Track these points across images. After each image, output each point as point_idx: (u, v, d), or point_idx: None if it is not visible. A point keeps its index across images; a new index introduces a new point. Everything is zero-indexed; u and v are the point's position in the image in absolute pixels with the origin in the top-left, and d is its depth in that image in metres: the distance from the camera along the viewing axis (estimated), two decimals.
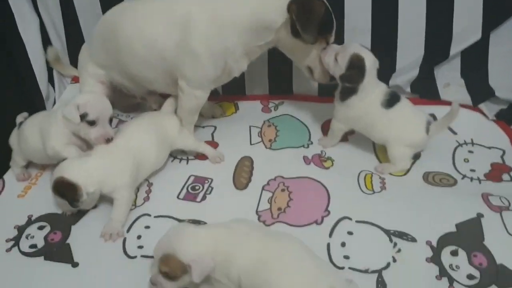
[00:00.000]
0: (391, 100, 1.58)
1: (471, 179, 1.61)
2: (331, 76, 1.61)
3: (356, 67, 1.53)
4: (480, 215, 1.42)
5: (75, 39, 2.05)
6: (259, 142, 1.80)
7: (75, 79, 2.12)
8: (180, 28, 1.52)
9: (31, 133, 1.58)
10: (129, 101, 1.97)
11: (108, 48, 1.70)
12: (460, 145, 1.75)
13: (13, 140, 1.67)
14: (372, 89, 1.57)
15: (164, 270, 1.14)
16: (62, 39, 2.10)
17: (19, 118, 1.69)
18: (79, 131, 1.49)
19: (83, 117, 1.44)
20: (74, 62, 2.08)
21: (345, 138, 1.78)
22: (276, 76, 2.03)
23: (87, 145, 1.56)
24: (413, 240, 1.36)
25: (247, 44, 1.54)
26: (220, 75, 1.60)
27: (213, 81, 1.63)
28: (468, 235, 1.36)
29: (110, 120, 1.51)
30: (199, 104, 1.69)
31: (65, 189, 1.40)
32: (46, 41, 2.05)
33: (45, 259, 1.39)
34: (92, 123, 1.45)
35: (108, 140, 1.48)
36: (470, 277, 1.26)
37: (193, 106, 1.69)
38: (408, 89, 1.91)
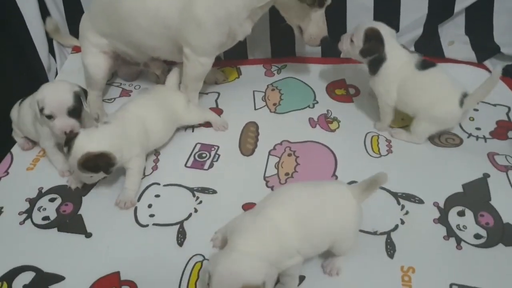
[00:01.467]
0: (426, 64, 1.55)
1: (477, 137, 1.61)
2: (321, 40, 1.62)
3: (372, 37, 1.53)
4: (486, 175, 1.43)
5: (73, 9, 2.02)
6: (264, 106, 1.80)
7: (76, 49, 2.11)
8: None
9: (26, 114, 1.58)
10: (132, 68, 1.96)
11: (110, 18, 1.67)
12: None
13: (13, 113, 1.67)
14: (400, 53, 1.55)
15: None
16: (60, 9, 2.07)
17: None
18: (47, 124, 1.48)
19: (41, 110, 1.43)
20: (73, 32, 2.06)
21: (349, 98, 1.78)
22: (278, 38, 2.01)
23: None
24: (421, 202, 1.39)
25: (249, 6, 1.52)
26: (225, 40, 1.59)
27: (218, 47, 1.61)
28: (474, 196, 1.38)
29: (71, 111, 1.45)
30: (205, 71, 1.68)
31: (97, 161, 1.38)
32: (44, 12, 2.01)
33: (58, 230, 1.41)
34: (49, 117, 1.44)
35: (66, 133, 1.45)
36: (477, 236, 1.28)
37: (198, 73, 1.68)
38: (412, 48, 1.90)
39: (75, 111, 1.46)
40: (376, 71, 1.56)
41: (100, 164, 1.39)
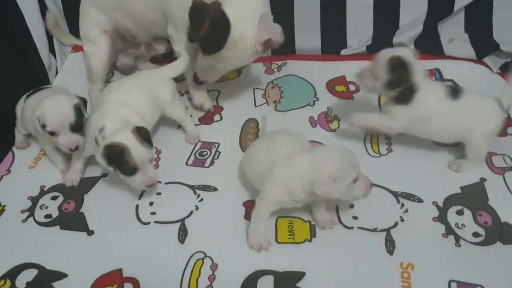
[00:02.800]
0: (454, 91, 1.42)
1: None
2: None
3: (397, 66, 1.36)
4: (483, 180, 1.45)
5: (72, 7, 2.01)
6: (264, 103, 1.80)
7: (76, 48, 2.11)
8: None
9: (29, 113, 1.54)
10: (131, 59, 1.96)
11: None
12: None
13: (18, 109, 1.66)
14: (431, 82, 1.44)
15: None
16: (59, 7, 2.07)
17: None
18: (50, 139, 1.45)
19: (44, 127, 1.40)
20: (72, 30, 2.06)
21: (350, 95, 1.79)
22: None
23: None
24: (420, 201, 1.40)
25: None
26: None
27: None
28: (472, 196, 1.40)
29: (73, 127, 1.41)
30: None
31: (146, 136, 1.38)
32: (44, 10, 2.01)
33: (61, 228, 1.42)
34: (52, 134, 1.41)
35: (72, 150, 1.43)
36: (476, 234, 1.29)
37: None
38: (412, 46, 1.90)
39: (78, 126, 1.43)
40: (408, 101, 1.38)
41: (147, 139, 1.38)
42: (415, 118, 1.41)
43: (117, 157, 1.32)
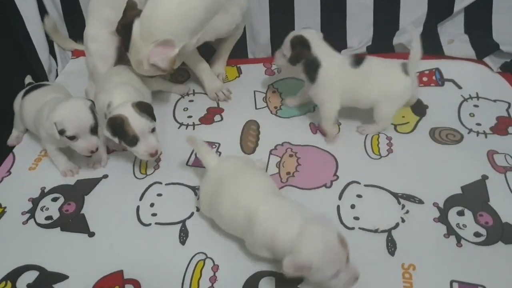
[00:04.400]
0: (358, 60, 1.54)
1: (477, 133, 1.61)
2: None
3: (297, 44, 1.51)
4: (485, 177, 1.45)
5: (72, 11, 2.01)
6: (264, 107, 1.80)
7: (76, 53, 2.11)
8: None
9: (28, 112, 1.58)
10: None
11: None
12: (465, 99, 1.75)
13: (16, 105, 1.67)
14: (333, 55, 1.55)
15: None
16: (59, 12, 2.07)
17: (27, 79, 1.75)
18: (64, 143, 1.48)
19: (62, 132, 1.41)
20: (72, 34, 2.07)
21: None
22: (278, 38, 1.99)
23: None
24: (421, 202, 1.39)
25: None
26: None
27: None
28: (473, 197, 1.40)
29: (93, 129, 1.46)
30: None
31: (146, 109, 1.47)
32: (43, 14, 2.02)
33: (61, 230, 1.42)
34: (72, 138, 1.43)
35: (93, 152, 1.48)
36: (477, 234, 1.29)
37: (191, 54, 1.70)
38: None
39: (96, 128, 1.47)
40: (315, 78, 1.53)
41: (150, 113, 1.48)
42: (327, 89, 1.54)
43: (118, 127, 1.42)
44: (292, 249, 1.06)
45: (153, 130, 1.46)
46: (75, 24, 1.85)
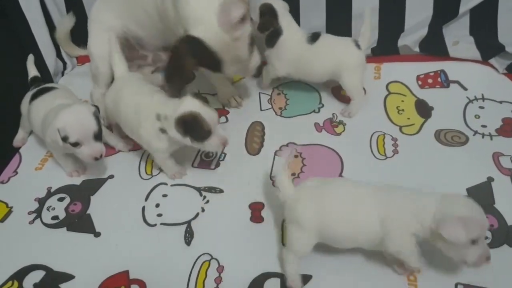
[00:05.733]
0: (314, 36, 1.66)
1: (483, 135, 1.61)
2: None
3: (266, 13, 1.62)
4: (490, 179, 1.44)
5: (77, 17, 2.01)
6: (269, 108, 1.80)
7: (81, 60, 2.11)
8: None
9: (35, 119, 1.55)
10: (139, 62, 1.91)
11: None
12: (470, 101, 1.74)
13: (23, 107, 1.66)
14: (294, 29, 1.68)
15: None
16: (63, 16, 2.07)
17: (30, 65, 1.76)
18: (69, 150, 1.46)
19: (65, 139, 1.38)
20: (75, 39, 2.07)
21: None
22: None
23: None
24: None
25: None
26: None
27: None
28: (478, 199, 1.37)
29: (97, 135, 1.43)
30: None
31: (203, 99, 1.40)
32: (48, 18, 2.03)
33: (67, 230, 1.43)
34: (75, 144, 1.41)
35: (97, 159, 1.44)
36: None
37: None
38: (417, 49, 1.89)
39: (100, 134, 1.44)
40: (273, 44, 1.67)
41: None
42: (281, 58, 1.68)
43: (191, 124, 1.34)
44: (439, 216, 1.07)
45: None
46: (79, 29, 1.86)
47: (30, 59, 1.82)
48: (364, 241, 1.18)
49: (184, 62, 1.41)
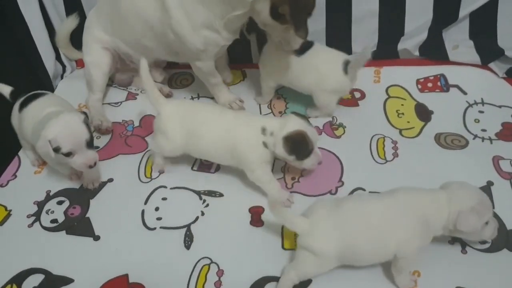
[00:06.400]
0: (304, 48, 1.60)
1: (482, 139, 1.61)
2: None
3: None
4: (490, 183, 1.44)
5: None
6: (269, 113, 1.80)
7: (81, 64, 2.10)
8: (160, 5, 1.52)
9: (27, 126, 1.49)
10: (128, 74, 1.97)
11: (112, 16, 1.72)
12: (470, 105, 1.75)
13: (14, 121, 1.60)
14: None
15: None
16: (63, 20, 2.06)
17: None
18: (61, 160, 1.41)
19: (57, 150, 1.35)
20: (74, 43, 2.05)
21: (355, 103, 1.78)
22: None
23: None
24: None
25: (224, 15, 1.46)
26: (205, 47, 1.55)
27: (203, 53, 1.58)
28: None
29: (89, 143, 1.40)
30: (207, 71, 1.68)
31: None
32: (47, 20, 2.03)
33: (67, 233, 1.43)
34: (68, 154, 1.37)
35: (91, 167, 1.41)
36: (482, 242, 1.28)
37: (202, 74, 1.71)
38: (417, 53, 1.90)
39: (92, 141, 1.41)
40: (260, 52, 1.70)
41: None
42: (264, 67, 1.71)
43: (299, 144, 1.35)
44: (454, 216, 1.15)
45: None
46: (78, 33, 1.86)
47: None
48: (386, 255, 1.18)
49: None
